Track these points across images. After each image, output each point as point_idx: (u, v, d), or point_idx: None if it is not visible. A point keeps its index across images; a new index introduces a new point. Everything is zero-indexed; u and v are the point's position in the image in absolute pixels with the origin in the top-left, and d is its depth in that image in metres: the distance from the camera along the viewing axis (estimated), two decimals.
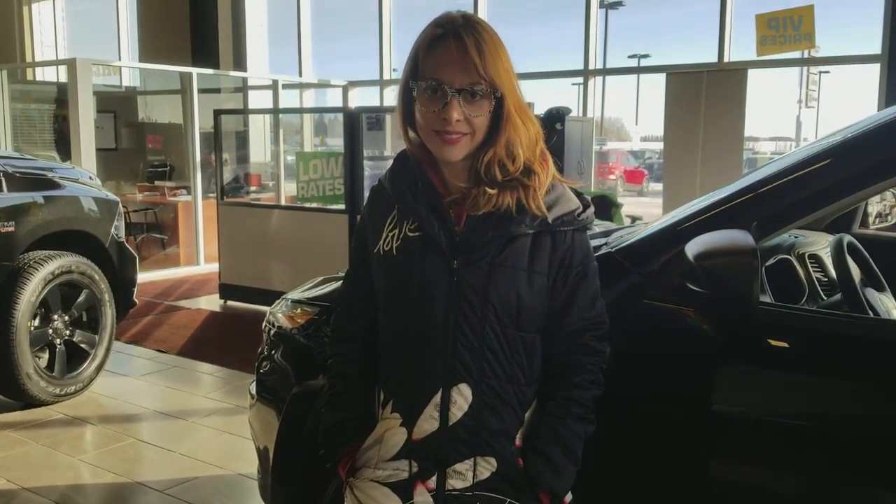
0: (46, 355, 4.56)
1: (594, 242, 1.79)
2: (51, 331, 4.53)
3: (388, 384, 1.57)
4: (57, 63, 12.12)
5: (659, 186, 9.47)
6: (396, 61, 10.81)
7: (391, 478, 1.53)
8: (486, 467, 1.50)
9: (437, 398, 1.49)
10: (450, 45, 1.43)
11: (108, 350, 4.81)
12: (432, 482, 1.50)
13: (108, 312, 4.79)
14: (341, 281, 1.77)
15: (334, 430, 1.63)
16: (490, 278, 1.47)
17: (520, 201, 1.47)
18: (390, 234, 1.54)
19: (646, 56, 20.44)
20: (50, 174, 4.76)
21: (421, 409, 1.50)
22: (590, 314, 1.55)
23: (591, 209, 1.57)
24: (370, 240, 1.58)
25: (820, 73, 17.60)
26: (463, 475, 1.49)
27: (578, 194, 1.57)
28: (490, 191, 1.47)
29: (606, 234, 2.12)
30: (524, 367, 1.51)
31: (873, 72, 7.47)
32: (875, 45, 7.51)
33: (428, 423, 1.50)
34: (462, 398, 1.48)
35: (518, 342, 1.50)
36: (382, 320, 1.59)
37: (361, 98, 11.16)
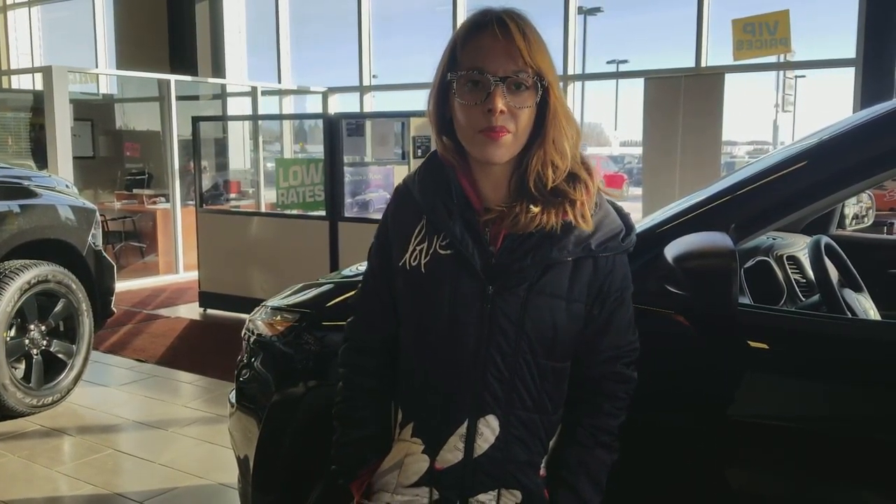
0: (23, 366, 4.50)
1: None
2: (27, 341, 4.47)
3: (411, 405, 1.48)
4: (32, 71, 11.99)
5: (638, 191, 9.51)
6: (376, 67, 10.82)
7: (410, 503, 1.46)
8: (511, 499, 1.43)
9: (463, 429, 1.41)
10: (493, 31, 1.31)
11: (85, 360, 4.75)
12: None
13: (86, 322, 4.74)
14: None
15: (352, 448, 1.54)
16: (527, 307, 1.37)
17: (565, 220, 1.36)
18: (418, 249, 1.42)
19: (624, 61, 20.52)
20: (26, 183, 4.72)
21: (445, 439, 1.42)
22: (624, 341, 1.48)
23: (635, 232, 1.47)
24: (394, 250, 1.47)
25: (796, 77, 17.77)
26: None
27: (618, 209, 1.48)
28: (534, 208, 1.35)
29: None
30: (552, 396, 1.44)
31: (848, 76, 7.56)
32: (850, 50, 7.60)
33: (452, 453, 1.42)
34: (489, 430, 1.40)
35: (548, 371, 1.41)
36: (406, 337, 1.49)
37: (341, 104, 11.15)
